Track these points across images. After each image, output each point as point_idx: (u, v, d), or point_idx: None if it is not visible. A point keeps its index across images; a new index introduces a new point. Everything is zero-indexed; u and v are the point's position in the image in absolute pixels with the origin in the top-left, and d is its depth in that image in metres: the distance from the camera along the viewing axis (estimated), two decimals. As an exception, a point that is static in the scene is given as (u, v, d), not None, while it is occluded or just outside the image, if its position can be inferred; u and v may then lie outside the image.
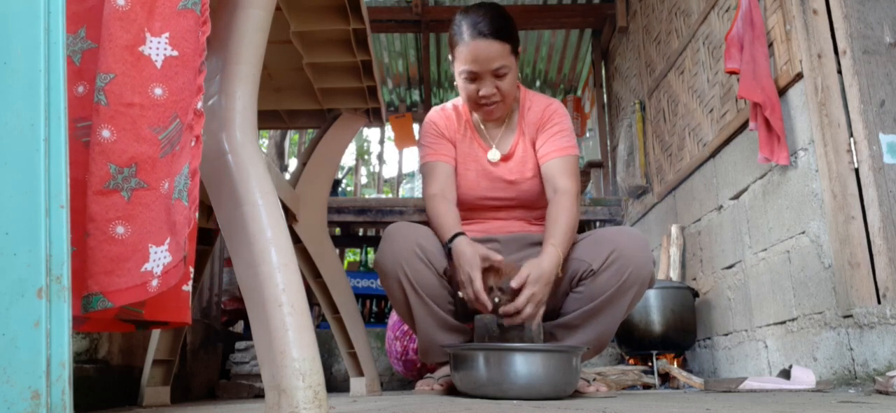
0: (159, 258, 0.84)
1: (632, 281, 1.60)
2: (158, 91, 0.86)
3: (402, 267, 1.61)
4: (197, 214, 0.93)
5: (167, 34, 0.88)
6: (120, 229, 0.83)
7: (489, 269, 1.57)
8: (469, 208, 1.87)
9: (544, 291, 1.53)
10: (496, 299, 1.53)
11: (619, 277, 1.60)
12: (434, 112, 1.92)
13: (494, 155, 1.84)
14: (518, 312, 1.51)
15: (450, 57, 1.82)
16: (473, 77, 1.73)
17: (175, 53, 0.88)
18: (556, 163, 1.76)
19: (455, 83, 1.82)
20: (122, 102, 0.84)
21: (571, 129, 1.84)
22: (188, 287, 0.92)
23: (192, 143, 0.87)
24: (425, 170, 1.85)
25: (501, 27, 1.71)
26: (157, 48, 0.87)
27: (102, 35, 0.84)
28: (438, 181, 1.80)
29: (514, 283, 1.53)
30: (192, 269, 0.92)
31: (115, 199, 0.83)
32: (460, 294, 1.59)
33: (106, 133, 0.83)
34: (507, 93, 1.76)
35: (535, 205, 1.84)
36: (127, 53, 0.85)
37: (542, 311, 1.55)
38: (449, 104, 1.93)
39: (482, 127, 1.87)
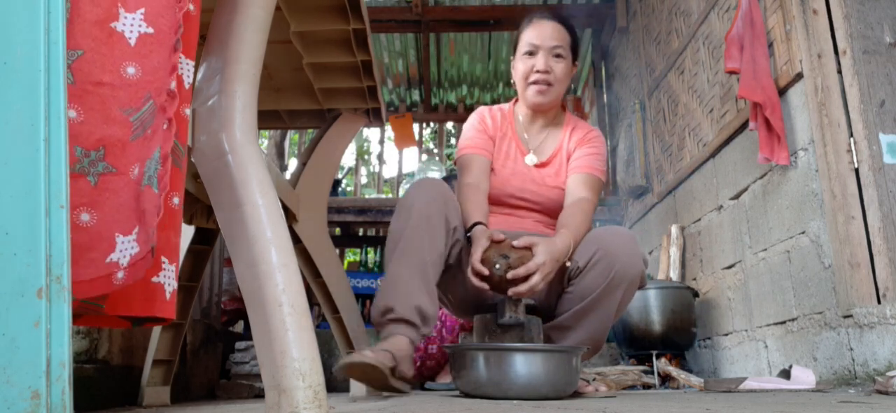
0: (126, 248, 0.79)
1: (619, 279, 1.60)
2: (131, 70, 0.82)
3: (437, 209, 1.57)
4: (177, 201, 0.87)
5: (142, 10, 0.83)
6: (85, 216, 0.78)
7: (496, 246, 1.56)
8: (493, 202, 1.88)
9: (552, 266, 1.53)
10: (497, 266, 1.50)
11: (605, 276, 1.59)
12: (484, 107, 2.00)
13: (531, 159, 1.90)
14: (526, 279, 1.49)
15: (511, 58, 1.96)
16: (533, 50, 1.85)
17: (150, 30, 0.83)
18: (582, 177, 1.84)
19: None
20: (91, 81, 0.79)
21: (606, 157, 1.96)
22: (159, 278, 0.87)
23: (165, 126, 0.82)
24: (463, 160, 1.88)
25: (569, 25, 1.91)
26: (131, 24, 0.82)
27: (71, 10, 0.79)
28: (474, 172, 1.84)
29: (517, 243, 1.53)
30: (165, 260, 0.87)
31: (81, 185, 0.78)
32: (468, 271, 1.57)
33: (72, 113, 0.77)
34: (558, 79, 1.86)
35: (555, 213, 1.86)
36: (97, 29, 0.80)
37: (541, 285, 1.53)
38: (495, 107, 2.01)
39: (524, 134, 1.94)
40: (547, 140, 1.93)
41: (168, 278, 0.88)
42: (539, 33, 1.86)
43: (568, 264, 1.62)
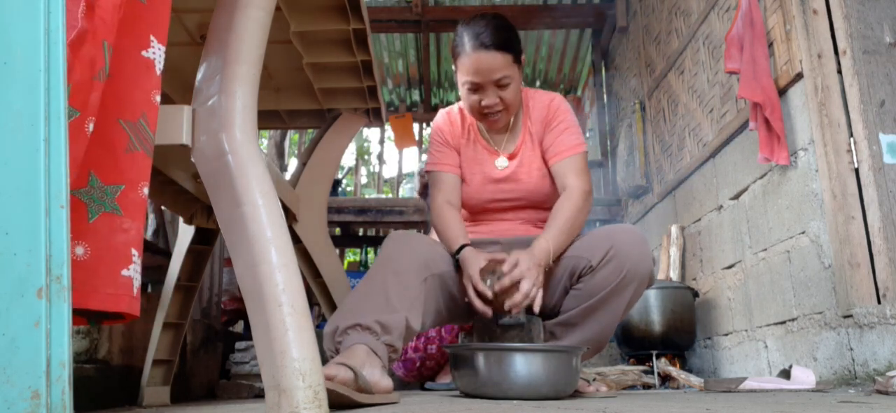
0: None
1: (630, 278, 1.60)
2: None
3: (422, 263, 1.59)
4: (146, 191, 0.83)
5: None
6: None
7: (489, 268, 1.58)
8: (476, 212, 1.87)
9: (537, 271, 1.54)
10: (488, 282, 1.54)
11: (617, 274, 1.60)
12: (440, 118, 1.92)
13: (502, 162, 1.84)
14: (516, 286, 1.51)
15: (453, 67, 1.82)
16: (476, 88, 1.73)
17: None
18: (565, 163, 1.76)
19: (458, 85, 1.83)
20: None
21: (576, 123, 1.83)
22: (129, 272, 0.83)
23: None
24: (431, 178, 1.87)
25: (504, 38, 1.71)
26: None
27: None
28: (444, 191, 1.82)
29: (505, 267, 1.54)
30: (135, 252, 0.83)
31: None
32: (466, 300, 1.59)
33: None
34: (510, 103, 1.75)
35: (542, 204, 1.84)
36: None
37: (539, 293, 1.54)
38: (454, 108, 1.93)
39: (486, 133, 1.87)
40: (512, 130, 1.86)
41: (137, 272, 0.85)
42: (477, 69, 1.69)
43: (551, 265, 1.62)
